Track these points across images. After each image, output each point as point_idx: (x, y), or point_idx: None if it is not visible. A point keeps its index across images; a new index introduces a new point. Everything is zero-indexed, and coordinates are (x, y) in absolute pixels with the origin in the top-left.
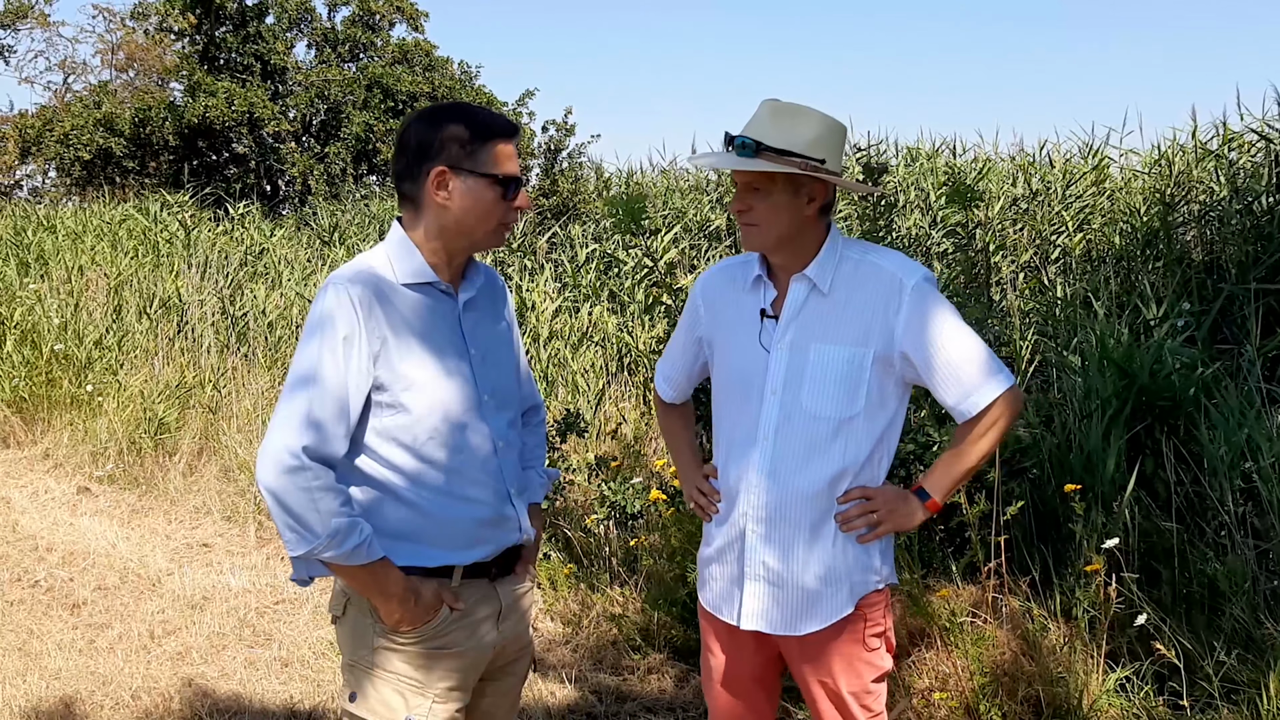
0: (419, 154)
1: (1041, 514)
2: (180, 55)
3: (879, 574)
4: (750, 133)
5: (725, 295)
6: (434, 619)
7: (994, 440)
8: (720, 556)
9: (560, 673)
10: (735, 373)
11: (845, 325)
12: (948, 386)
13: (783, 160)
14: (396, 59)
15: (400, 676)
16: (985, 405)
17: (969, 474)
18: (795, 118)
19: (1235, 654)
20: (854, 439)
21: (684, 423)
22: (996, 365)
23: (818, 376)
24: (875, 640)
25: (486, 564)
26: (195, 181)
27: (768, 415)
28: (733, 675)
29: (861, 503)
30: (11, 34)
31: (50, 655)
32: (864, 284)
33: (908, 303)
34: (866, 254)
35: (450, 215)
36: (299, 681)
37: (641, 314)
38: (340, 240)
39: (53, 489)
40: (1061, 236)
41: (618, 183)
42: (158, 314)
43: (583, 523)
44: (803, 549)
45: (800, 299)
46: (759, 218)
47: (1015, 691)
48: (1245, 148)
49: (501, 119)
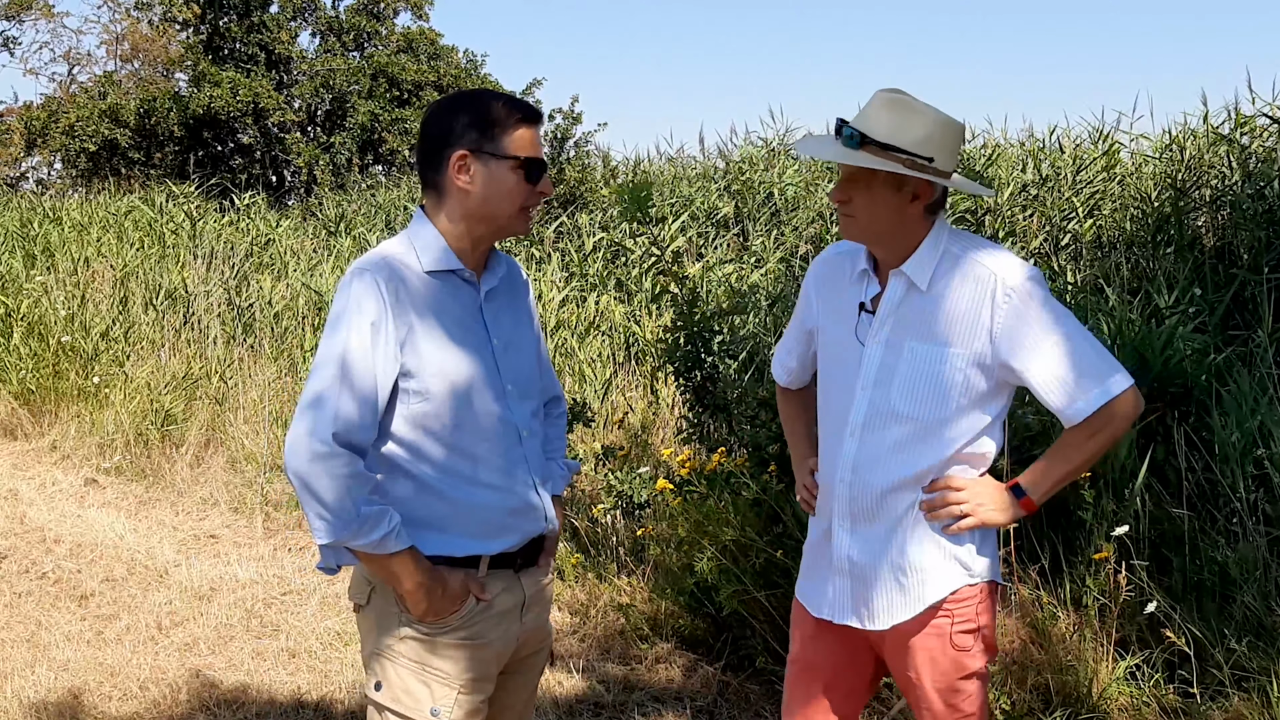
0: (440, 139)
1: (1051, 502)
2: (185, 45)
3: (969, 569)
4: (859, 124)
5: (832, 285)
6: (460, 610)
7: (1104, 444)
8: (814, 549)
9: (568, 662)
10: (832, 365)
11: (942, 324)
12: (1050, 392)
13: (886, 156)
14: (401, 48)
15: (426, 667)
16: (1092, 411)
17: (1071, 477)
18: (908, 112)
19: (1246, 641)
20: (943, 439)
21: (799, 409)
22: (1108, 367)
23: (909, 375)
24: (966, 638)
25: (512, 554)
26: (200, 172)
27: (857, 410)
28: (811, 666)
29: (946, 492)
30: (16, 25)
31: (59, 646)
32: (964, 282)
33: (1007, 304)
34: (971, 250)
35: (473, 200)
36: (306, 672)
37: (649, 303)
38: (346, 230)
39: (60, 481)
40: (1072, 222)
41: (625, 171)
42: (164, 305)
43: (590, 512)
44: (883, 543)
45: (898, 295)
46: (857, 210)
47: (1024, 680)
48: (1258, 132)
49: (524, 104)
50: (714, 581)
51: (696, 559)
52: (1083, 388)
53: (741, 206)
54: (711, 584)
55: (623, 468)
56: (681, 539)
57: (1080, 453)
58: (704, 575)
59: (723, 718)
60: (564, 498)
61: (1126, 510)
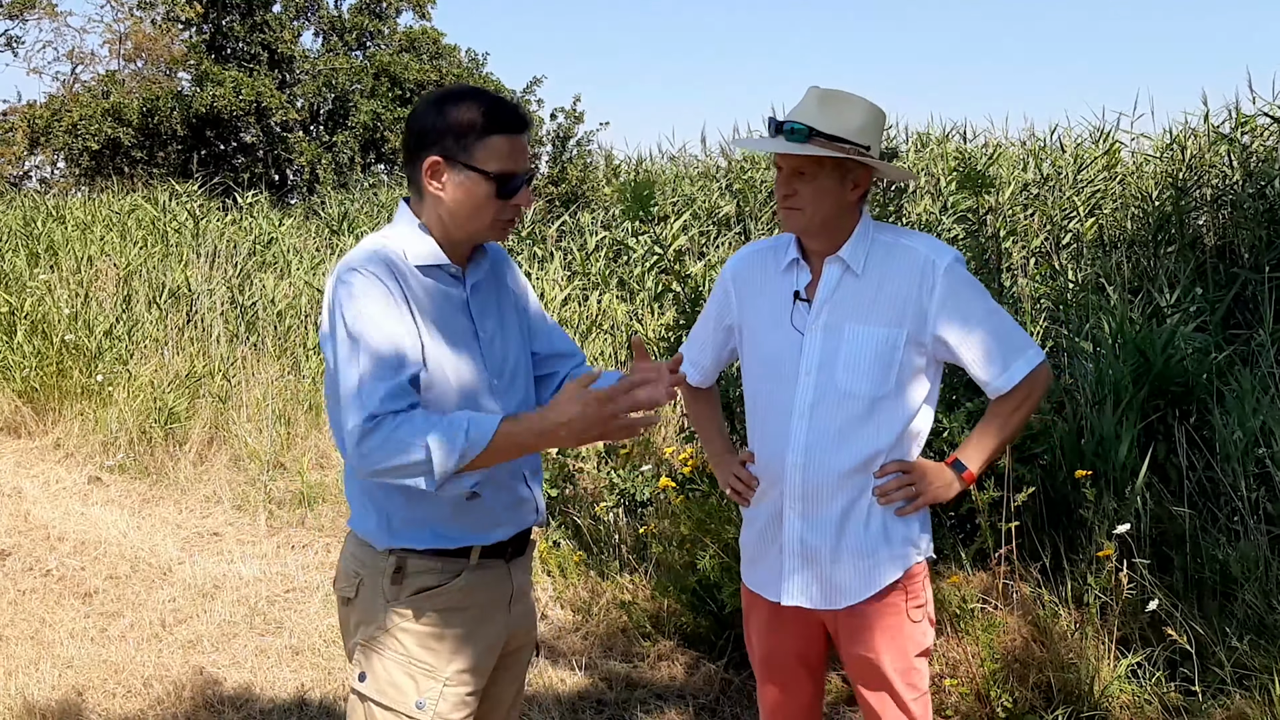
0: (419, 140)
1: (1053, 500)
2: (188, 44)
3: (918, 546)
4: (800, 118)
5: (756, 279)
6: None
7: (1026, 413)
8: (760, 537)
9: (570, 660)
10: (769, 355)
11: (878, 306)
12: (981, 364)
13: (833, 146)
14: (404, 47)
15: (412, 659)
16: (1018, 380)
17: (1003, 446)
18: (843, 104)
19: (1248, 639)
20: (887, 417)
21: (713, 408)
22: (1025, 341)
23: (852, 356)
24: (917, 613)
25: (504, 544)
26: (203, 171)
27: (802, 395)
28: (777, 655)
29: (899, 476)
30: (20, 24)
31: (63, 644)
32: (896, 266)
33: (940, 284)
34: (899, 237)
35: (444, 206)
36: (310, 669)
37: (651, 301)
38: (349, 229)
39: (64, 479)
40: (1073, 221)
41: (627, 170)
42: (167, 304)
43: (592, 510)
44: (839, 524)
45: (834, 281)
46: (804, 201)
47: (1026, 678)
48: (1258, 131)
49: (509, 112)
50: (716, 579)
51: (699, 557)
52: (1006, 361)
53: (743, 205)
54: (713, 582)
55: (625, 466)
56: (684, 537)
57: (1009, 423)
58: (706, 573)
59: (725, 715)
60: (565, 496)
61: (1128, 508)
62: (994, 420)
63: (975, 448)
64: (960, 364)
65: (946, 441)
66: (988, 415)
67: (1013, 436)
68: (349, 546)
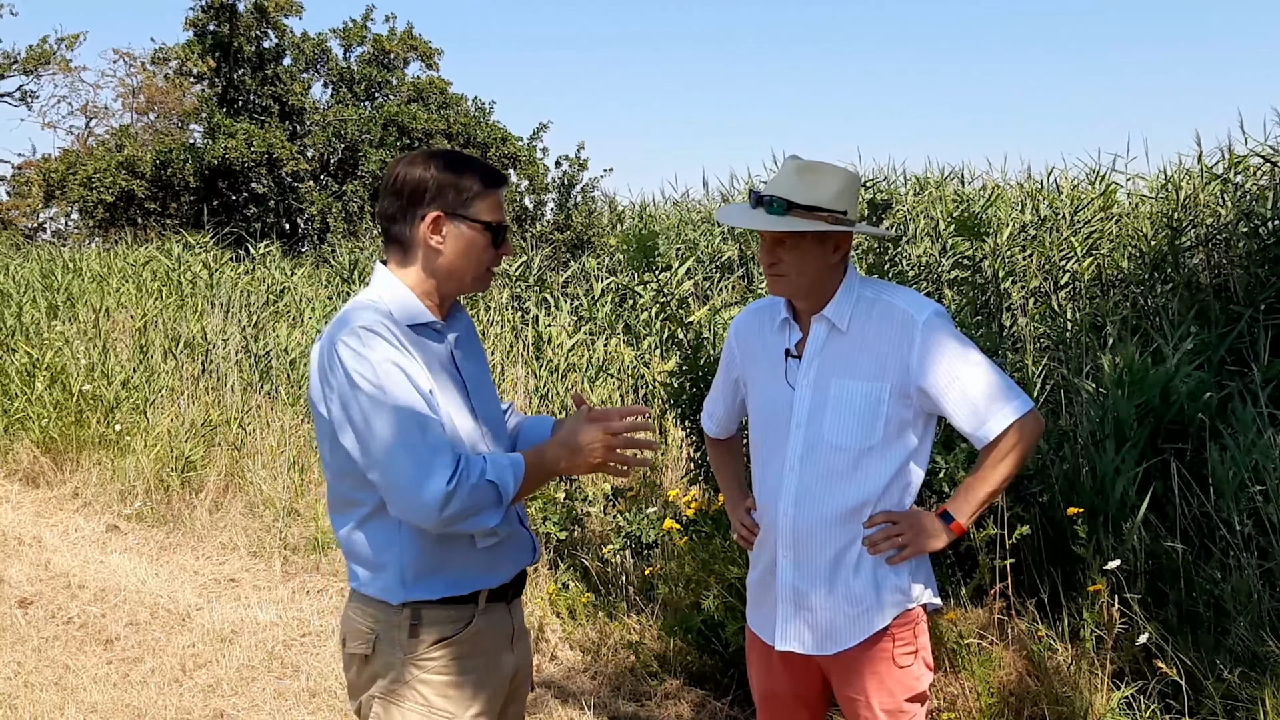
0: (413, 198)
1: (1051, 538)
2: (200, 98)
3: (907, 594)
4: (778, 191)
5: (755, 337)
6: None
7: (1014, 463)
8: (760, 581)
9: (580, 700)
10: (765, 409)
11: (863, 361)
12: (963, 415)
13: (811, 217)
14: (412, 97)
15: (432, 709)
16: (1000, 431)
17: (992, 497)
18: (819, 174)
19: (1239, 672)
20: (875, 468)
21: (730, 457)
22: (1011, 391)
23: (839, 409)
24: (907, 658)
25: (507, 586)
26: (215, 221)
27: (794, 447)
28: (776, 695)
29: (887, 526)
30: (35, 79)
31: (86, 689)
32: (879, 322)
33: (920, 338)
34: (881, 293)
35: (442, 259)
36: (326, 711)
37: (658, 346)
38: (360, 277)
39: (82, 527)
40: (1070, 262)
41: (630, 216)
42: (183, 354)
43: (600, 552)
44: (828, 572)
45: (821, 338)
46: (787, 269)
47: (1022, 712)
48: (1251, 171)
49: (494, 169)
50: (721, 619)
51: (704, 597)
52: (991, 411)
53: (745, 250)
54: (718, 621)
55: (631, 508)
56: (689, 577)
57: (996, 473)
58: (711, 612)
59: None
60: (574, 538)
61: (1124, 545)
62: (981, 470)
63: (964, 499)
64: (945, 415)
65: (945, 481)
66: (975, 465)
67: (1001, 486)
68: (356, 607)
